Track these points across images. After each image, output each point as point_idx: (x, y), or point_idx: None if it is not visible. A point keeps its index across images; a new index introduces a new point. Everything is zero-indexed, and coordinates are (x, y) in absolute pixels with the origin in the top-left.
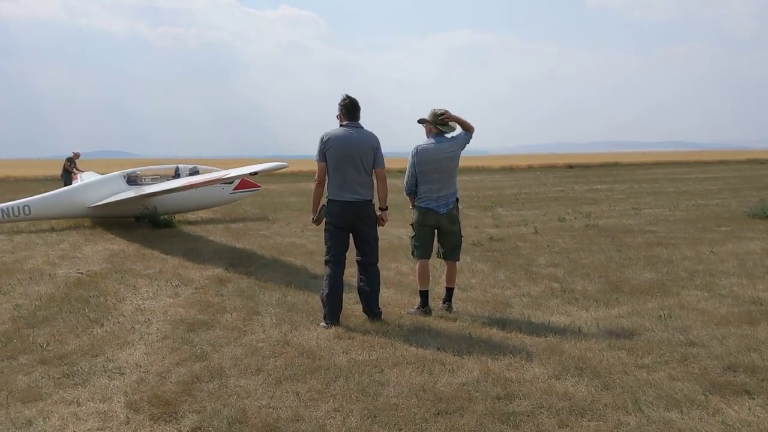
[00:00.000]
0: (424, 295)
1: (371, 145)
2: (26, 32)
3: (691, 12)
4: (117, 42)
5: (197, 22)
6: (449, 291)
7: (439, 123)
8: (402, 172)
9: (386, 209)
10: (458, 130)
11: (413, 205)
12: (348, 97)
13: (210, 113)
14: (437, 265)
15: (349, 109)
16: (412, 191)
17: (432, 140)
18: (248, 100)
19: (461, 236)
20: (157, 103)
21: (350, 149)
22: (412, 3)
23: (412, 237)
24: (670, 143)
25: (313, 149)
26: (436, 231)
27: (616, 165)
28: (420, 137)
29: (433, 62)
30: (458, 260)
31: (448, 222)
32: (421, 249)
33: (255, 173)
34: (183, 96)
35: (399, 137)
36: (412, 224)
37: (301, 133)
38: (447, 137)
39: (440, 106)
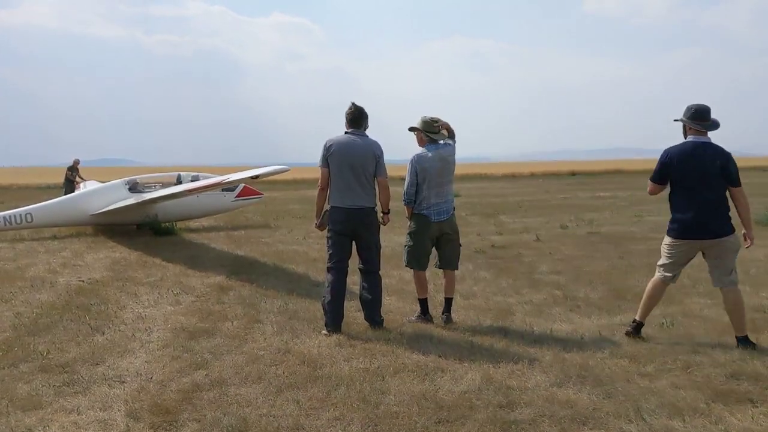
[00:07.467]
0: (423, 303)
1: (373, 153)
2: (24, 40)
3: (691, 18)
4: (114, 49)
5: (192, 29)
6: (448, 302)
7: (430, 131)
8: (403, 179)
9: (388, 212)
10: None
11: (410, 215)
12: (353, 105)
13: (211, 121)
14: (438, 273)
15: (355, 116)
16: (412, 200)
17: (429, 148)
18: (248, 107)
19: (460, 244)
20: (157, 112)
21: (351, 157)
22: (407, 10)
23: (409, 246)
24: None
25: (314, 156)
26: (435, 240)
27: (618, 172)
28: (417, 144)
29: (431, 69)
30: (457, 269)
31: (449, 229)
32: (416, 260)
33: (256, 177)
34: (184, 103)
35: (398, 144)
36: (409, 233)
37: (303, 140)
38: (442, 144)
39: (431, 113)
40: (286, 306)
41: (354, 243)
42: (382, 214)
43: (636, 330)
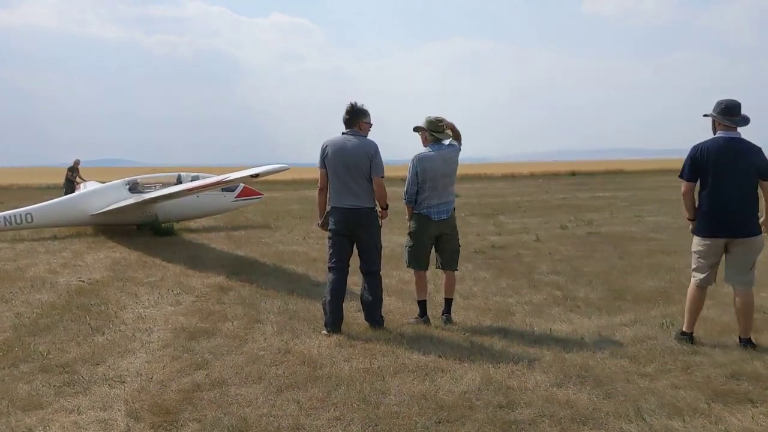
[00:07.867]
0: (422, 305)
1: (366, 153)
2: (24, 40)
3: (689, 20)
4: (114, 50)
5: (192, 29)
6: (448, 302)
7: (435, 130)
8: (403, 180)
9: (386, 208)
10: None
11: (410, 215)
12: (348, 105)
13: (211, 121)
14: (438, 273)
15: (349, 116)
16: (412, 200)
17: (432, 147)
18: (248, 107)
19: (459, 245)
20: (157, 112)
21: (346, 157)
22: (407, 10)
23: (409, 246)
24: (672, 151)
25: (314, 156)
26: (434, 240)
27: (618, 173)
28: (416, 144)
29: (430, 69)
30: (457, 270)
31: (448, 229)
32: (416, 260)
33: (256, 176)
34: (184, 103)
35: (398, 145)
36: (409, 233)
37: (302, 140)
38: (445, 144)
39: (435, 114)
40: (286, 306)
41: (355, 244)
42: (380, 211)
43: (689, 340)
